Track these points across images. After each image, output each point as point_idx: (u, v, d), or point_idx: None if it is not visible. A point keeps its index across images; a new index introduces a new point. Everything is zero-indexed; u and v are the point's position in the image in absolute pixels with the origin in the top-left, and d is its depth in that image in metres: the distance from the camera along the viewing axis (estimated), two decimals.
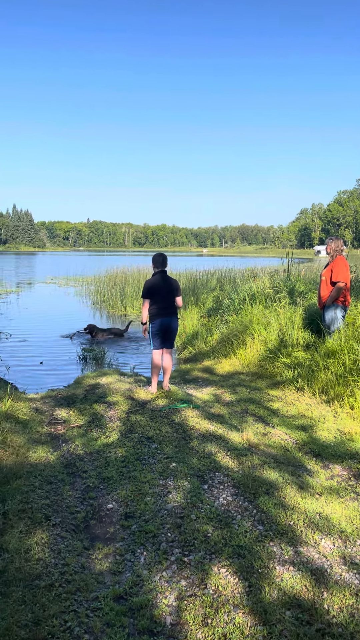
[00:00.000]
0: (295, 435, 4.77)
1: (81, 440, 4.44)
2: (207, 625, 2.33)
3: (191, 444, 4.41)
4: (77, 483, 3.73)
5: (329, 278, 6.69)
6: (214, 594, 2.53)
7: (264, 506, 3.36)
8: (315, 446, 4.51)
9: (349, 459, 4.21)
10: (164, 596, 2.53)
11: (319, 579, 2.65)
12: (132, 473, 3.83)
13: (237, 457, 4.14)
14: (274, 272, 12.86)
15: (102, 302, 19.66)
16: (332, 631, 2.28)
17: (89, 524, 3.26)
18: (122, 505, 3.41)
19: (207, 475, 3.82)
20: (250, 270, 15.65)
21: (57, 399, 5.66)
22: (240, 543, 2.94)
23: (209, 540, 2.97)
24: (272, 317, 8.46)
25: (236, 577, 2.65)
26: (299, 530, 3.11)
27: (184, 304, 13.40)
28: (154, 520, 3.20)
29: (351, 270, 9.76)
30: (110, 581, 2.68)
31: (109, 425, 4.80)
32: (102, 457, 4.12)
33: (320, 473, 4.01)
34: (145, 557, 2.86)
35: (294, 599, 2.49)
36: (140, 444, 4.35)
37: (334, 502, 3.50)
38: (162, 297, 5.76)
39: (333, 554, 2.89)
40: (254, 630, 2.29)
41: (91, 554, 2.93)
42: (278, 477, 3.79)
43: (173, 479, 3.72)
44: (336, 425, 5.01)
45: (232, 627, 2.31)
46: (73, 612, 2.40)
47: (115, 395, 5.64)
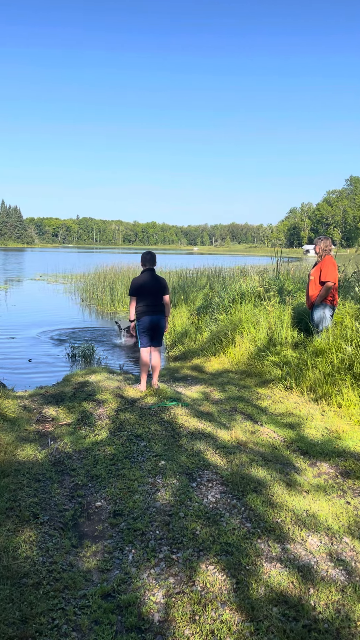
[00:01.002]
0: (284, 433, 4.81)
1: (70, 438, 4.43)
2: (194, 622, 2.35)
3: (180, 441, 4.42)
4: (66, 481, 3.73)
5: (318, 278, 6.73)
6: (202, 590, 2.55)
7: (252, 504, 3.38)
8: (303, 444, 4.54)
9: (336, 457, 4.25)
10: (152, 593, 2.54)
11: (306, 576, 2.67)
12: (121, 471, 3.83)
13: (225, 455, 4.16)
14: (264, 270, 12.91)
15: (92, 299, 19.58)
16: (318, 627, 2.31)
17: (78, 522, 3.25)
18: (110, 503, 3.41)
19: (195, 473, 3.83)
20: (240, 268, 15.69)
21: (46, 396, 5.64)
22: (228, 540, 2.96)
23: (197, 538, 2.98)
24: (261, 316, 8.50)
25: (224, 574, 2.67)
26: (286, 527, 3.13)
27: (173, 302, 13.40)
28: (142, 518, 3.20)
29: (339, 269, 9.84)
30: (98, 579, 2.68)
31: (98, 423, 4.79)
32: (91, 455, 4.11)
33: (307, 471, 4.05)
34: (133, 554, 2.86)
35: (281, 596, 2.51)
36: (129, 442, 4.35)
37: (321, 500, 3.53)
38: (149, 295, 5.76)
39: (320, 550, 2.92)
40: (241, 627, 2.31)
41: (79, 552, 2.93)
42: (266, 475, 3.81)
43: (162, 477, 3.73)
44: (324, 423, 5.05)
45: (220, 624, 2.33)
46: (61, 610, 2.39)
47: (104, 393, 5.63)
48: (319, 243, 6.89)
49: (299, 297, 9.02)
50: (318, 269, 6.76)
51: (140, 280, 5.82)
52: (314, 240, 7.07)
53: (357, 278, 8.60)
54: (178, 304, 13.23)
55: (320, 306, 6.74)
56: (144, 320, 5.79)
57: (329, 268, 6.63)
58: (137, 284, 5.80)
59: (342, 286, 8.98)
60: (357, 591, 2.56)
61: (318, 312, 6.77)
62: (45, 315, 15.65)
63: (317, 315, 6.79)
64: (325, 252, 6.82)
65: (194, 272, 18.47)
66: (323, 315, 6.72)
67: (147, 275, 5.83)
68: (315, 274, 6.80)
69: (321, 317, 6.74)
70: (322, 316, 6.73)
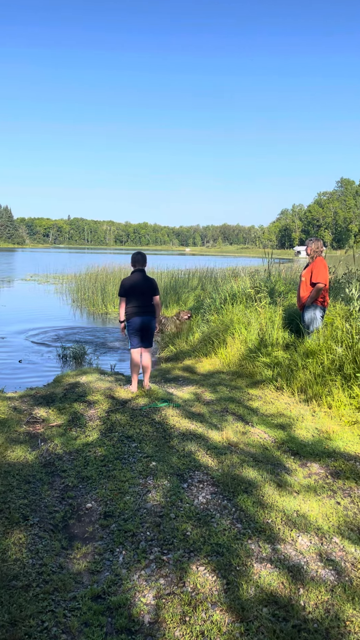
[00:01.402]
0: (274, 434, 4.82)
1: (60, 440, 4.41)
2: (185, 623, 2.34)
3: (171, 442, 4.42)
4: (56, 482, 3.71)
5: (309, 279, 6.77)
6: (193, 592, 2.55)
7: (242, 504, 3.39)
8: (294, 445, 4.56)
9: (326, 458, 4.27)
10: (143, 595, 2.54)
11: (296, 576, 2.68)
12: (112, 472, 3.82)
13: (216, 456, 4.16)
14: (255, 272, 12.96)
15: (83, 300, 19.51)
16: (308, 627, 2.32)
17: (68, 523, 3.24)
18: (101, 505, 3.40)
19: (186, 474, 3.83)
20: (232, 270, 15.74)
21: (36, 397, 5.61)
22: (219, 541, 2.96)
23: (188, 539, 2.98)
24: (252, 317, 8.52)
25: (214, 574, 2.67)
26: (276, 528, 3.14)
27: (165, 303, 13.41)
28: (133, 519, 3.20)
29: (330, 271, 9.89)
30: (88, 581, 2.67)
31: (89, 424, 4.77)
32: (82, 457, 4.09)
33: (298, 471, 4.06)
34: (124, 556, 2.86)
35: (271, 596, 2.52)
36: (120, 443, 4.34)
37: (311, 500, 3.55)
38: (138, 296, 5.75)
39: (310, 550, 2.93)
40: (231, 627, 2.31)
41: (69, 554, 2.91)
42: (257, 476, 3.82)
43: (153, 478, 3.72)
44: (314, 424, 5.08)
45: (210, 625, 2.33)
46: (50, 612, 2.38)
47: (95, 394, 5.61)
48: (310, 244, 6.92)
49: (290, 299, 9.06)
50: (309, 270, 6.80)
51: (130, 281, 5.81)
52: (306, 241, 7.10)
53: (348, 279, 8.65)
54: (170, 305, 13.23)
55: (311, 307, 6.77)
56: (133, 321, 5.78)
57: (320, 269, 6.66)
58: (127, 284, 5.79)
59: (333, 287, 9.03)
60: (347, 591, 2.57)
61: (309, 313, 6.81)
62: (36, 316, 15.56)
63: (307, 316, 6.83)
64: (316, 253, 6.85)
65: (185, 273, 18.48)
66: (314, 316, 6.76)
67: (136, 276, 5.82)
68: (306, 275, 6.84)
69: (312, 318, 6.77)
70: (313, 317, 6.76)
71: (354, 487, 3.77)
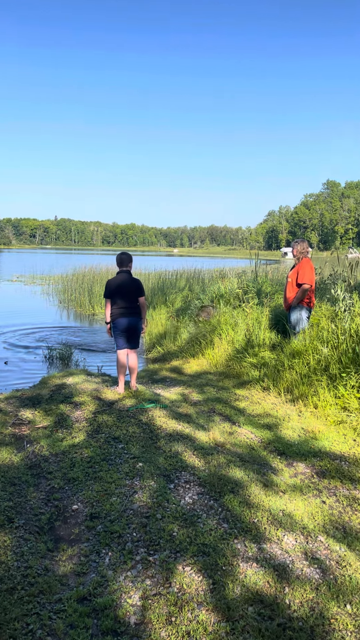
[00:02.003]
0: (261, 434, 4.84)
1: (46, 441, 4.38)
2: (171, 624, 2.35)
3: (158, 443, 4.41)
4: (42, 484, 3.68)
5: (295, 280, 6.82)
6: (179, 592, 2.55)
7: (229, 504, 3.40)
8: (280, 445, 4.59)
9: (312, 457, 4.31)
10: (129, 596, 2.53)
11: (281, 575, 2.70)
12: (98, 473, 3.80)
13: (203, 456, 4.17)
14: (242, 273, 13.02)
15: (70, 301, 19.42)
16: (293, 625, 2.33)
17: (54, 525, 3.22)
18: (87, 506, 3.38)
19: (173, 474, 3.83)
20: (219, 271, 15.78)
21: (22, 399, 5.56)
22: (205, 541, 2.97)
23: (174, 539, 2.98)
24: (239, 318, 8.56)
25: (201, 575, 2.68)
26: (262, 527, 3.16)
27: (152, 304, 13.39)
28: (119, 520, 3.19)
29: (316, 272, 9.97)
30: (74, 583, 2.66)
31: (75, 425, 4.75)
32: (68, 458, 4.07)
33: (284, 471, 4.09)
34: (110, 557, 2.85)
35: (257, 595, 2.53)
36: (106, 444, 4.33)
37: (297, 500, 3.57)
38: (123, 297, 5.73)
39: (295, 549, 2.95)
40: (217, 627, 2.32)
41: (55, 556, 2.90)
42: (243, 476, 3.84)
43: (139, 479, 3.72)
44: (300, 424, 5.11)
45: (196, 625, 2.33)
46: (36, 615, 2.37)
47: (82, 395, 5.59)
48: (296, 246, 6.98)
49: (276, 299, 9.12)
50: (295, 271, 6.85)
51: (115, 281, 5.80)
52: (292, 243, 7.15)
53: (333, 280, 8.73)
54: (157, 306, 13.22)
55: (297, 308, 6.82)
56: (119, 322, 5.76)
57: (306, 270, 6.72)
58: (112, 285, 5.77)
59: (319, 288, 9.11)
60: (331, 589, 2.60)
61: (295, 314, 6.86)
62: (22, 317, 15.44)
63: (294, 317, 6.88)
64: (302, 254, 6.91)
65: (173, 274, 18.50)
66: (300, 317, 6.81)
67: (122, 277, 5.81)
68: (292, 276, 6.89)
69: (298, 318, 6.82)
70: (299, 318, 6.82)
71: (339, 486, 3.81)
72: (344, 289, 6.93)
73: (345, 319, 6.17)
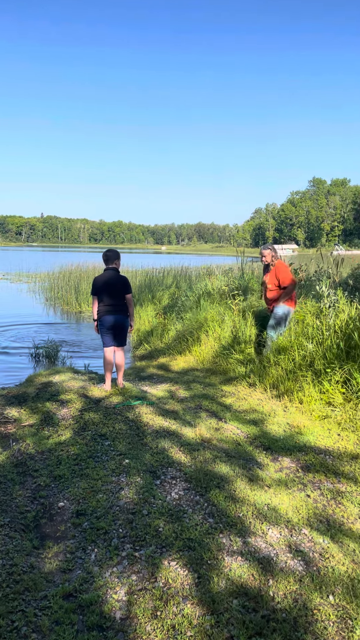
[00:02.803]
0: (247, 430, 4.88)
1: (32, 439, 4.36)
2: (156, 618, 2.36)
3: (145, 440, 4.43)
4: (28, 482, 3.67)
5: (275, 284, 6.90)
6: (164, 586, 2.57)
7: (214, 499, 3.42)
8: (266, 440, 4.63)
9: (297, 452, 4.35)
10: (114, 591, 2.54)
11: (266, 568, 2.73)
12: (85, 471, 3.80)
13: (190, 452, 4.19)
14: (229, 270, 13.07)
15: (56, 299, 19.31)
16: (277, 617, 2.37)
17: (40, 523, 3.22)
18: (73, 503, 3.38)
19: (160, 470, 3.85)
20: (206, 268, 15.81)
21: (8, 397, 5.53)
22: (191, 536, 2.99)
23: (160, 535, 3.00)
24: (226, 315, 8.59)
25: (186, 569, 2.70)
26: (247, 521, 3.19)
27: (140, 301, 13.37)
28: (105, 517, 3.20)
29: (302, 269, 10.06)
30: (60, 579, 2.66)
31: (62, 423, 4.74)
32: (54, 456, 4.07)
33: (269, 466, 4.13)
34: (96, 553, 2.85)
35: (241, 588, 2.56)
36: (93, 442, 4.33)
37: (282, 494, 3.61)
38: (108, 294, 5.72)
39: (279, 542, 2.99)
40: (202, 620, 2.34)
41: (41, 553, 2.90)
42: (229, 471, 3.87)
43: (126, 476, 3.73)
44: (286, 419, 5.16)
45: (181, 618, 2.35)
46: (21, 612, 2.37)
47: (68, 393, 5.57)
48: (266, 252, 7.05)
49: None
50: (273, 276, 6.92)
51: (102, 279, 5.79)
52: (261, 250, 7.16)
53: (319, 277, 8.81)
54: (144, 303, 13.21)
55: (282, 306, 6.88)
56: (105, 319, 5.75)
57: (284, 272, 6.86)
58: (98, 283, 5.77)
59: (304, 285, 9.18)
60: (314, 580, 2.64)
61: (282, 308, 6.91)
62: (8, 315, 15.32)
63: (281, 311, 6.92)
64: (275, 258, 7.05)
65: (160, 272, 18.48)
66: (288, 311, 6.88)
67: (108, 274, 5.80)
68: (271, 281, 6.94)
69: (285, 312, 6.89)
70: (287, 312, 6.88)
71: (324, 479, 3.86)
72: (329, 285, 6.99)
73: (330, 315, 6.23)
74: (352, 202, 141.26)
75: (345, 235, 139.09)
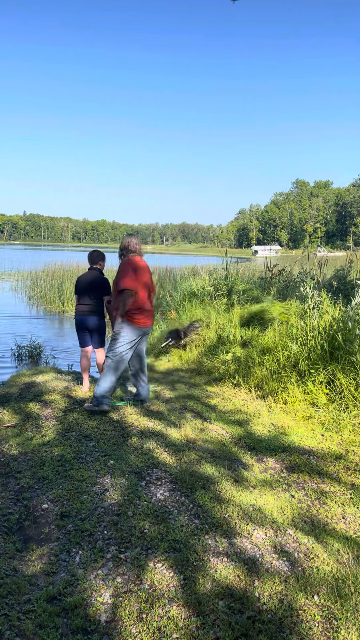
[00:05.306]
0: (232, 430, 4.89)
1: (15, 440, 4.30)
2: (141, 620, 2.35)
3: (130, 441, 4.40)
4: (11, 484, 3.62)
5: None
6: (150, 588, 2.55)
7: (200, 500, 3.42)
8: (251, 440, 4.64)
9: (281, 452, 4.38)
10: (99, 594, 2.52)
11: (251, 568, 2.74)
12: (69, 472, 3.77)
13: (175, 453, 4.18)
14: (213, 270, 13.09)
15: (39, 298, 19.12)
16: (262, 617, 2.37)
17: (23, 525, 3.17)
18: (57, 505, 3.34)
19: (145, 471, 3.83)
20: (191, 268, 15.83)
21: None
22: (177, 537, 2.98)
23: (145, 536, 2.98)
24: (211, 315, 8.60)
25: (172, 571, 2.69)
26: (233, 522, 3.19)
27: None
28: (90, 518, 3.17)
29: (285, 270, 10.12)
30: (43, 582, 2.63)
31: (45, 424, 4.69)
32: (38, 457, 4.02)
33: (254, 466, 4.14)
34: (80, 556, 2.82)
35: (227, 589, 2.56)
36: (77, 443, 4.29)
37: (267, 494, 3.63)
38: (88, 294, 5.69)
39: (265, 543, 3.00)
40: (187, 622, 2.33)
41: (24, 556, 2.85)
42: (214, 472, 3.87)
43: (110, 477, 3.70)
44: (270, 419, 5.19)
45: (167, 620, 2.34)
46: (4, 616, 2.33)
47: (51, 393, 5.52)
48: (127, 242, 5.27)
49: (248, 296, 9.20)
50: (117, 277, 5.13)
51: (84, 278, 5.79)
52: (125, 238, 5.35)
53: (302, 278, 8.88)
54: None
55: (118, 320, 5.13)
56: (79, 319, 5.72)
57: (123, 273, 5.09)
58: (80, 282, 5.79)
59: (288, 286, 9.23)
60: (299, 581, 2.65)
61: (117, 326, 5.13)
62: None
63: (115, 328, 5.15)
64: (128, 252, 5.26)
65: None
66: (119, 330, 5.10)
67: (90, 274, 5.79)
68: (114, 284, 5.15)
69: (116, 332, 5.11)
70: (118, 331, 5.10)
71: (308, 480, 3.88)
72: (313, 286, 7.05)
73: (313, 316, 6.29)
74: (335, 204, 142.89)
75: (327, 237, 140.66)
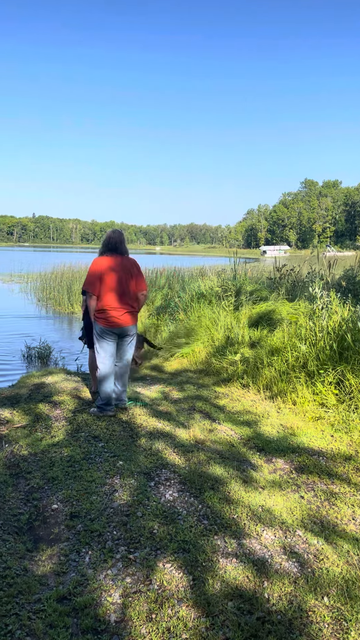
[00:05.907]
0: (241, 431, 4.89)
1: (25, 441, 4.33)
2: (151, 621, 2.35)
3: (138, 441, 4.41)
4: (21, 484, 3.65)
5: None
6: (159, 589, 2.56)
7: (209, 501, 3.42)
8: (259, 441, 4.64)
9: (291, 453, 4.36)
10: (109, 594, 2.53)
11: (260, 569, 2.73)
12: (78, 472, 3.78)
13: (184, 454, 4.18)
14: (222, 271, 13.08)
15: (48, 299, 19.24)
16: (272, 619, 2.37)
17: (33, 525, 3.19)
18: (67, 505, 3.36)
19: (153, 472, 3.84)
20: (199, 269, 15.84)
21: (0, 399, 5.50)
22: (186, 538, 2.98)
23: (154, 537, 2.99)
24: (220, 316, 8.60)
25: (181, 571, 2.69)
26: (242, 523, 3.19)
27: None
28: (99, 519, 3.18)
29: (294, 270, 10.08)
30: (53, 582, 2.64)
31: (55, 424, 4.71)
32: (47, 457, 4.04)
33: (263, 467, 4.13)
34: (90, 556, 2.84)
35: (236, 590, 2.56)
36: (86, 443, 4.31)
37: (276, 495, 3.62)
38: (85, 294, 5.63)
39: (274, 544, 2.99)
40: (197, 623, 2.34)
41: (34, 556, 2.87)
42: (223, 472, 3.87)
43: (120, 477, 3.71)
44: (279, 420, 5.17)
45: (176, 621, 2.34)
46: (14, 616, 2.35)
47: (61, 394, 5.55)
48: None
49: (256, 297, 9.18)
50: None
51: None
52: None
53: (311, 278, 8.85)
54: None
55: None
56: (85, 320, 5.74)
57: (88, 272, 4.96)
58: None
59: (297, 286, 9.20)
60: (309, 582, 2.64)
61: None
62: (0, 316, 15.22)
63: None
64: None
65: (153, 272, 18.47)
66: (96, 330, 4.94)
67: None
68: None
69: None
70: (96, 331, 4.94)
71: (317, 481, 3.87)
72: (322, 286, 7.02)
73: (322, 316, 6.26)
74: (344, 203, 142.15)
75: (336, 237, 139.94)
